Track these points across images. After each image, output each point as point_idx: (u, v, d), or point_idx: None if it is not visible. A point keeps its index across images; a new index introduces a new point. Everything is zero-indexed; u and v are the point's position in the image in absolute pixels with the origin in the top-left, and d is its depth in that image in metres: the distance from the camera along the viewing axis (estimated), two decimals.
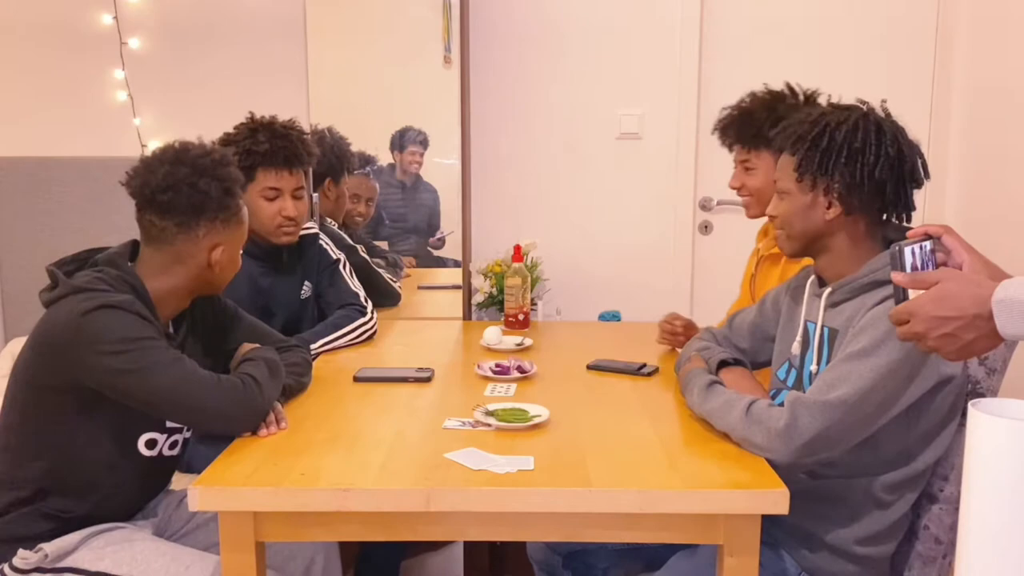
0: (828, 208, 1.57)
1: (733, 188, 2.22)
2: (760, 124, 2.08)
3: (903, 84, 3.01)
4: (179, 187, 1.64)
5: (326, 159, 2.83)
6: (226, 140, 2.24)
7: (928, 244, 1.28)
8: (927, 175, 1.59)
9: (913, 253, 1.26)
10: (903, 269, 1.25)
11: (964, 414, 1.52)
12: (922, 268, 1.26)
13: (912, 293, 1.23)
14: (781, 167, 1.64)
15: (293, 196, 2.29)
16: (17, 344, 2.39)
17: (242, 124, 2.29)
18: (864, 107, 1.60)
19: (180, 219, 1.65)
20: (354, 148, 2.97)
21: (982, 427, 0.89)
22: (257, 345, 1.83)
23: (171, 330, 1.73)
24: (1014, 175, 2.62)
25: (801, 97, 2.12)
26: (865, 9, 3.02)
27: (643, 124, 3.07)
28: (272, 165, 2.25)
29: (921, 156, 1.59)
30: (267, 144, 2.23)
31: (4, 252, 2.95)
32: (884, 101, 1.61)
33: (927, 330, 1.19)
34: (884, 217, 1.60)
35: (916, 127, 1.61)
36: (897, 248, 1.25)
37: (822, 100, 2.03)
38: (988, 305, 1.13)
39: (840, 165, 1.54)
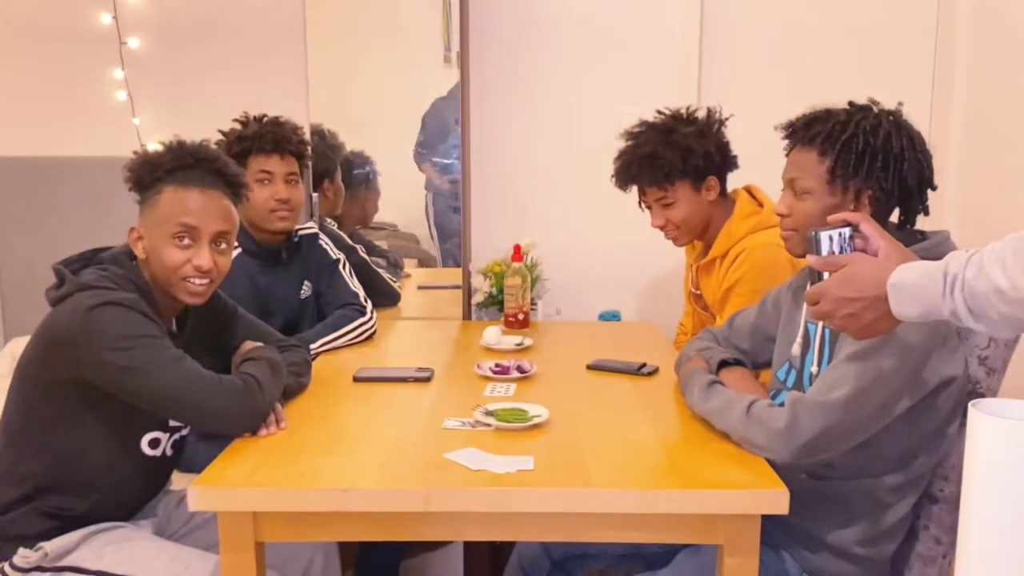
0: (854, 211, 1.56)
1: (657, 227, 2.28)
2: (668, 160, 2.15)
3: (903, 85, 2.99)
4: None
5: (323, 158, 2.85)
6: (223, 137, 2.31)
7: (847, 231, 1.36)
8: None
9: (831, 239, 1.35)
10: (819, 253, 1.35)
11: (965, 415, 1.52)
12: (840, 253, 1.35)
13: (828, 276, 1.32)
14: (800, 165, 1.60)
15: (286, 181, 2.33)
16: (17, 344, 2.39)
17: (235, 121, 2.37)
18: (877, 108, 1.60)
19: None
20: (353, 148, 2.97)
21: (982, 427, 0.89)
22: (259, 344, 1.83)
23: (175, 328, 1.73)
24: (1016, 177, 2.62)
25: (686, 115, 2.23)
26: (865, 10, 3.02)
27: None
28: (262, 150, 2.31)
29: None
30: (256, 127, 2.32)
31: (4, 252, 2.95)
32: (901, 104, 1.61)
33: (833, 310, 1.29)
34: (894, 219, 1.60)
35: (918, 129, 1.61)
36: (814, 234, 1.35)
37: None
38: (886, 287, 1.20)
39: (876, 170, 1.53)
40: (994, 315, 1.05)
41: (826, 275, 1.32)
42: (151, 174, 1.65)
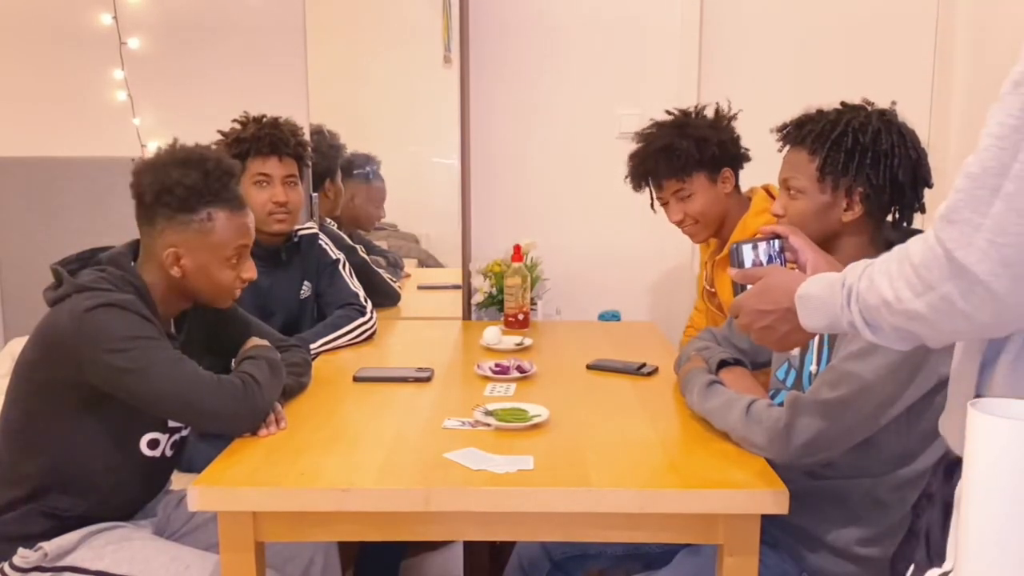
0: (846, 209, 1.56)
1: (675, 222, 2.27)
2: (684, 150, 2.17)
3: (903, 85, 3.00)
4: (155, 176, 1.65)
5: (324, 158, 2.85)
6: (222, 138, 2.31)
7: (777, 243, 1.37)
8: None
9: (756, 249, 1.36)
10: (741, 266, 1.35)
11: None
12: (767, 265, 1.35)
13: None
14: (793, 164, 1.61)
15: (284, 184, 2.32)
16: (17, 344, 2.39)
17: (235, 122, 2.36)
18: (870, 107, 1.60)
19: (144, 210, 1.65)
20: (354, 148, 2.97)
21: (982, 427, 0.89)
22: (264, 342, 1.83)
23: (173, 329, 1.73)
24: None
25: (694, 114, 2.26)
26: (865, 9, 3.02)
27: (642, 124, 3.06)
28: (260, 152, 2.30)
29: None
30: (254, 129, 2.31)
31: (4, 252, 2.95)
32: (894, 103, 1.61)
33: (751, 322, 1.29)
34: (888, 218, 1.60)
35: (916, 128, 1.61)
36: (735, 247, 1.36)
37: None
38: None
39: (866, 167, 1.53)
40: (886, 327, 1.05)
41: (749, 287, 1.33)
42: (199, 200, 1.64)
